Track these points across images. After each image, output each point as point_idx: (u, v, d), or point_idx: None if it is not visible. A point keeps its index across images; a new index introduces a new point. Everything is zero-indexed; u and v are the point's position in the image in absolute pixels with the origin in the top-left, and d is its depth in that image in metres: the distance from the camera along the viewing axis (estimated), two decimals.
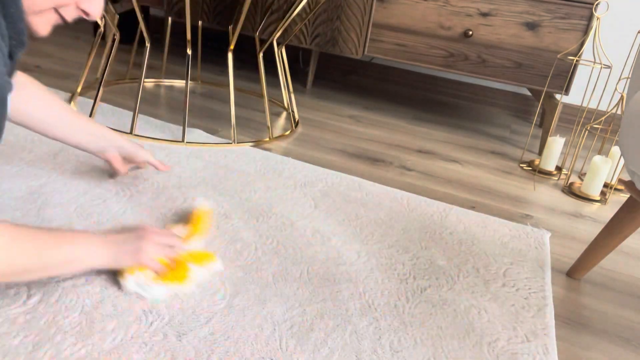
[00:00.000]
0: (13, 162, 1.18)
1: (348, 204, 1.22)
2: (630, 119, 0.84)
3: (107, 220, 1.01)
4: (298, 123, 1.76)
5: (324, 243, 1.04)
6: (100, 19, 1.58)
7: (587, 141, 2.02)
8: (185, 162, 1.32)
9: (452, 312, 0.89)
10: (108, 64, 1.54)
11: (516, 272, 1.04)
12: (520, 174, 1.61)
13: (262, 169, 1.34)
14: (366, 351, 0.77)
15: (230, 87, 1.50)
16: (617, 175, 1.55)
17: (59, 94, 1.67)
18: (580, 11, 1.64)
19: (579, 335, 0.89)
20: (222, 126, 1.63)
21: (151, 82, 2.00)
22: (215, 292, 0.84)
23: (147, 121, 1.56)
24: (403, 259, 1.02)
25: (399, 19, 1.84)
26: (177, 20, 2.13)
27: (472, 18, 1.75)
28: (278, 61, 1.73)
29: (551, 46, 1.70)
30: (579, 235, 1.26)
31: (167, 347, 0.72)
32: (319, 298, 0.87)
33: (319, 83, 2.34)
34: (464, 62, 1.80)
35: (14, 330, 0.71)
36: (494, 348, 0.82)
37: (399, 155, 1.61)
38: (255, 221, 1.08)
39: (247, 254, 0.96)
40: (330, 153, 1.54)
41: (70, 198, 1.06)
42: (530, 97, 2.29)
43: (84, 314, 0.75)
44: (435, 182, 1.44)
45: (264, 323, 0.79)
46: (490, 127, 2.07)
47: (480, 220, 1.23)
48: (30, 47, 2.10)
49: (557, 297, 0.99)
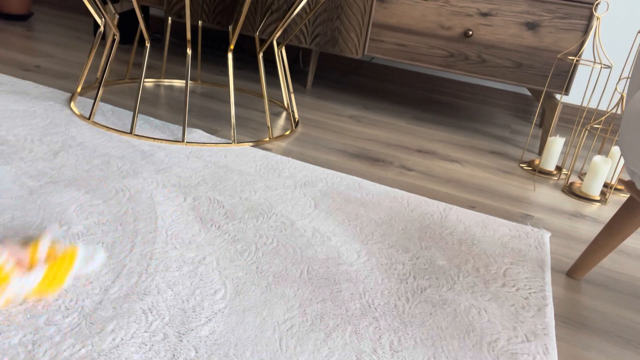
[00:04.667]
0: (13, 162, 1.18)
1: (348, 204, 1.22)
2: (630, 119, 0.84)
3: (107, 220, 1.01)
4: (298, 123, 1.76)
5: (324, 243, 1.04)
6: (100, 19, 1.58)
7: (587, 141, 2.02)
8: (185, 162, 1.32)
9: (452, 312, 0.89)
10: (108, 64, 1.54)
11: (516, 272, 1.04)
12: (520, 174, 1.61)
13: (262, 169, 1.34)
14: (366, 351, 0.77)
15: (230, 87, 1.50)
16: (617, 175, 1.55)
17: (59, 93, 1.67)
18: (580, 11, 1.64)
19: (579, 335, 0.89)
20: (222, 126, 1.63)
21: (151, 82, 1.99)
22: (215, 292, 0.84)
23: (147, 121, 1.56)
24: (403, 259, 1.02)
25: (399, 19, 1.84)
26: (177, 20, 2.13)
27: (472, 18, 1.75)
28: (278, 61, 1.73)
29: (551, 46, 1.70)
30: (579, 235, 1.26)
31: (167, 347, 0.72)
32: (319, 298, 0.87)
33: (319, 83, 2.34)
34: (464, 62, 1.80)
35: (14, 330, 0.71)
36: (494, 348, 0.82)
37: (399, 155, 1.61)
38: (255, 221, 1.08)
39: (248, 254, 0.96)
40: (330, 153, 1.54)
41: (70, 198, 1.06)
42: (530, 97, 2.29)
43: (83, 314, 0.75)
44: (435, 182, 1.44)
45: (264, 323, 0.79)
46: (490, 127, 2.07)
47: (480, 220, 1.23)
48: (30, 47, 2.09)
49: (557, 297, 0.99)
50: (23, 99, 1.58)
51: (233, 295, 0.84)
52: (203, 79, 2.12)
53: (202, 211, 1.09)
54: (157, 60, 2.26)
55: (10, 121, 1.41)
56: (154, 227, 1.01)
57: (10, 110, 1.48)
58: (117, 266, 0.87)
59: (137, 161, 1.28)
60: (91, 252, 0.88)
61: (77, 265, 0.82)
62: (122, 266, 0.87)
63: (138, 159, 1.30)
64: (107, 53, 1.66)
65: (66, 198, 1.06)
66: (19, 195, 1.04)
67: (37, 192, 1.07)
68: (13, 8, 2.64)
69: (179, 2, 2.07)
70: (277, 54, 1.72)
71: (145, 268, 0.88)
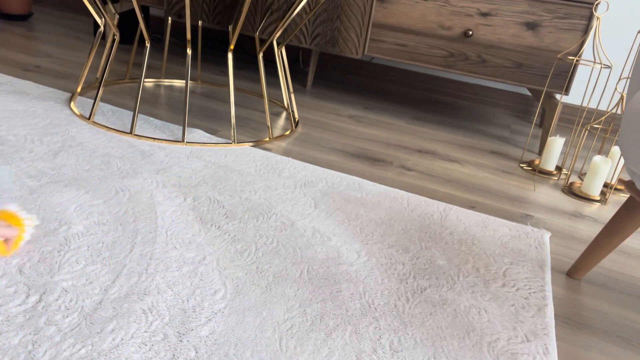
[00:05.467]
0: (13, 162, 1.18)
1: (348, 204, 1.22)
2: (630, 119, 0.84)
3: (107, 220, 1.01)
4: (298, 123, 1.76)
5: (324, 243, 1.04)
6: (100, 19, 1.58)
7: (587, 141, 2.02)
8: (185, 162, 1.32)
9: (452, 312, 0.89)
10: (108, 64, 1.54)
11: (516, 272, 1.04)
12: (520, 174, 1.61)
13: (262, 169, 1.34)
14: (366, 351, 0.77)
15: (230, 87, 1.50)
16: (617, 175, 1.55)
17: (59, 93, 1.67)
18: (580, 11, 1.64)
19: (579, 335, 0.89)
20: (222, 126, 1.63)
21: (151, 82, 2.00)
22: (215, 292, 0.85)
23: (147, 121, 1.56)
24: (403, 259, 1.02)
25: (399, 19, 1.84)
26: (177, 20, 2.13)
27: (472, 18, 1.75)
28: (278, 61, 1.73)
29: (551, 46, 1.70)
30: (579, 235, 1.26)
31: (167, 347, 0.72)
32: (319, 298, 0.87)
33: (319, 83, 2.34)
34: (464, 62, 1.80)
35: (14, 329, 0.71)
36: (494, 348, 0.82)
37: (399, 155, 1.61)
38: (255, 221, 1.08)
39: (248, 254, 0.96)
40: (330, 153, 1.54)
41: (70, 198, 1.06)
42: (530, 97, 2.29)
43: (83, 314, 0.75)
44: (435, 182, 1.44)
45: (264, 323, 0.79)
46: (490, 127, 2.07)
47: (480, 220, 1.23)
48: (30, 47, 2.09)
49: (557, 297, 0.99)
50: (23, 99, 1.58)
51: (233, 295, 0.84)
52: (203, 79, 2.12)
53: (202, 211, 1.09)
54: (157, 60, 2.26)
55: (10, 121, 1.41)
56: (154, 227, 1.01)
57: (10, 110, 1.48)
58: (117, 266, 0.87)
59: (137, 161, 1.28)
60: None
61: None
62: (122, 266, 0.87)
63: (138, 159, 1.30)
64: (107, 53, 1.66)
65: (66, 198, 1.06)
66: (19, 195, 1.04)
67: (37, 192, 1.07)
68: (13, 8, 2.64)
69: (179, 2, 2.07)
70: (277, 54, 1.72)
71: (145, 268, 0.88)
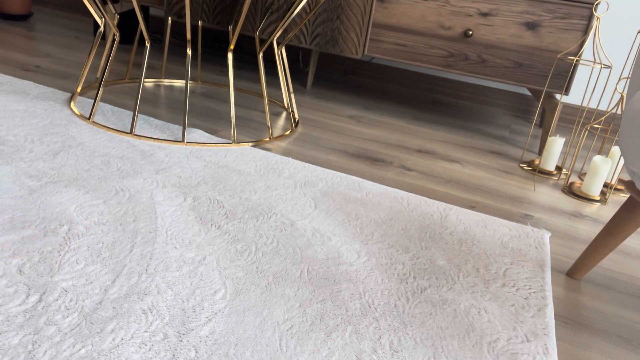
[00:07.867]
0: (13, 162, 1.18)
1: (348, 204, 1.22)
2: (630, 118, 0.84)
3: (107, 220, 1.01)
4: (298, 123, 1.76)
5: (324, 243, 1.04)
6: (100, 19, 1.58)
7: (587, 141, 2.02)
8: (185, 162, 1.32)
9: (452, 312, 0.89)
10: (108, 64, 1.54)
11: (516, 272, 1.04)
12: (520, 174, 1.61)
13: (262, 169, 1.34)
14: (366, 351, 0.77)
15: (230, 87, 1.50)
16: (617, 175, 1.55)
17: (59, 93, 1.67)
18: (580, 11, 1.64)
19: (579, 335, 0.89)
20: (222, 126, 1.63)
21: (151, 82, 2.00)
22: (215, 292, 0.85)
23: (147, 121, 1.56)
24: (403, 259, 1.02)
25: (399, 19, 1.84)
26: (177, 20, 2.13)
27: (472, 18, 1.75)
28: (278, 61, 1.73)
29: (551, 46, 1.70)
30: (579, 235, 1.26)
31: (167, 347, 0.72)
32: (319, 298, 0.87)
33: (319, 83, 2.34)
34: (464, 62, 1.80)
35: (14, 329, 0.71)
36: (494, 348, 0.82)
37: (399, 155, 1.61)
38: (255, 221, 1.08)
39: (248, 254, 0.96)
40: (330, 153, 1.54)
41: (70, 198, 1.06)
42: (530, 97, 2.29)
43: (83, 314, 0.75)
44: (435, 182, 1.44)
45: (264, 323, 0.79)
46: (490, 127, 2.07)
47: (480, 220, 1.23)
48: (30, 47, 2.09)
49: (557, 297, 0.99)
50: (23, 99, 1.58)
51: (233, 295, 0.84)
52: (203, 79, 2.12)
53: (202, 211, 1.09)
54: (157, 60, 2.26)
55: (10, 121, 1.41)
56: (154, 227, 1.01)
57: (10, 110, 1.48)
58: (117, 266, 0.87)
59: (137, 161, 1.28)
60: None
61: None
62: (122, 266, 0.87)
63: (138, 159, 1.30)
64: (107, 53, 1.66)
65: (66, 198, 1.06)
66: (19, 195, 1.04)
67: (37, 192, 1.07)
68: (13, 8, 2.64)
69: (179, 2, 2.07)
70: (277, 54, 1.72)
71: (145, 268, 0.88)
